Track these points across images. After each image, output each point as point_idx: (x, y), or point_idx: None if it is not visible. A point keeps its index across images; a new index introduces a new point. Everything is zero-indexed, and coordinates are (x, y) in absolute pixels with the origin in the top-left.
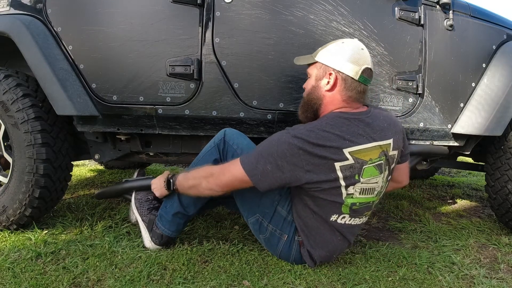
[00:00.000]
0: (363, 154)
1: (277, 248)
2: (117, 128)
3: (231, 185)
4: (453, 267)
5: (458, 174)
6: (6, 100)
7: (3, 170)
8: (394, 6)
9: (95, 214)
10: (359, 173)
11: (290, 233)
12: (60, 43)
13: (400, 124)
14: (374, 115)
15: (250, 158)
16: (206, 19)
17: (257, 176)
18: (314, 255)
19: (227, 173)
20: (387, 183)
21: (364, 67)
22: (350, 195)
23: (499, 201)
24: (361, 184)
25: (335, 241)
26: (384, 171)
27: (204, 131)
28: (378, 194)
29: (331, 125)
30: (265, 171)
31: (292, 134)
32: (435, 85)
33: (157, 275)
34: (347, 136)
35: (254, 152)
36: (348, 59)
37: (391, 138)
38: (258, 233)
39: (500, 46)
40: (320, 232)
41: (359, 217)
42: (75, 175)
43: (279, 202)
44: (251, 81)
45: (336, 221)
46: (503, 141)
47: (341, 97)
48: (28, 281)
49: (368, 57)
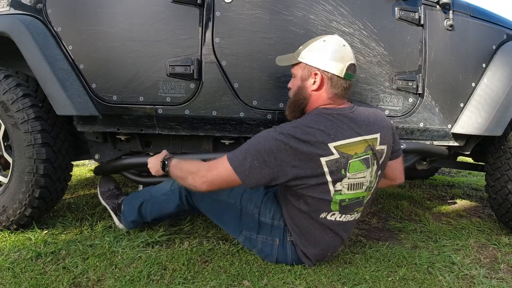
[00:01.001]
0: (348, 148)
1: (273, 254)
2: (117, 128)
3: (217, 183)
4: (453, 267)
5: (458, 174)
6: (6, 100)
7: (3, 170)
8: (394, 6)
9: (95, 214)
10: (345, 168)
11: (280, 236)
12: (60, 43)
13: (387, 119)
14: (359, 110)
15: (238, 155)
16: (206, 19)
17: (245, 173)
18: (307, 254)
19: (214, 171)
20: (377, 178)
21: (348, 63)
22: (338, 192)
23: (499, 201)
24: (348, 180)
25: (326, 239)
26: (372, 165)
27: (204, 131)
28: (368, 189)
29: (315, 121)
30: (253, 167)
31: (279, 131)
32: (435, 85)
33: (157, 275)
34: (331, 131)
35: (241, 149)
36: (332, 58)
37: (377, 133)
38: (251, 247)
39: (500, 46)
40: (311, 231)
41: (350, 213)
42: (75, 175)
43: (260, 213)
44: (251, 81)
45: (325, 218)
46: (503, 141)
47: (327, 95)
48: (28, 281)
49: (350, 53)
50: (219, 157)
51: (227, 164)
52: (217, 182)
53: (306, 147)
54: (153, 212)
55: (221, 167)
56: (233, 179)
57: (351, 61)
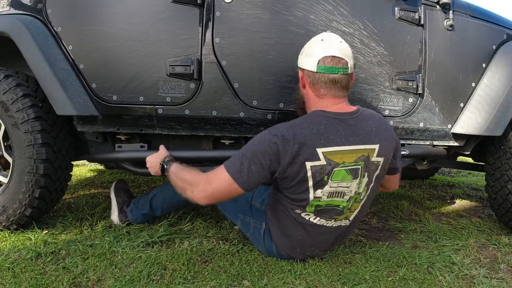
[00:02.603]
0: (336, 156)
1: (261, 240)
2: (117, 128)
3: (218, 196)
4: (453, 267)
5: (458, 174)
6: (6, 100)
7: (3, 170)
8: (394, 6)
9: (95, 214)
10: (329, 175)
11: (267, 221)
12: (60, 43)
13: (392, 132)
14: (362, 117)
15: (234, 162)
16: (206, 19)
17: (243, 179)
18: (278, 244)
19: (213, 183)
20: (368, 191)
21: (321, 57)
22: (318, 199)
23: (499, 201)
24: (329, 188)
25: (295, 235)
26: (361, 177)
27: (204, 131)
28: (353, 200)
29: (309, 123)
30: (250, 171)
31: (273, 133)
32: (435, 85)
33: (157, 275)
34: (323, 136)
35: (238, 155)
36: (305, 54)
37: (376, 144)
38: (247, 232)
39: (500, 46)
40: (284, 223)
41: (327, 219)
42: (75, 175)
43: (252, 197)
44: (251, 81)
45: (299, 215)
46: (503, 141)
47: (313, 92)
48: (28, 281)
49: (328, 46)
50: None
51: (225, 173)
52: (217, 195)
53: (295, 150)
54: (165, 201)
55: (220, 178)
56: (233, 188)
57: (325, 54)
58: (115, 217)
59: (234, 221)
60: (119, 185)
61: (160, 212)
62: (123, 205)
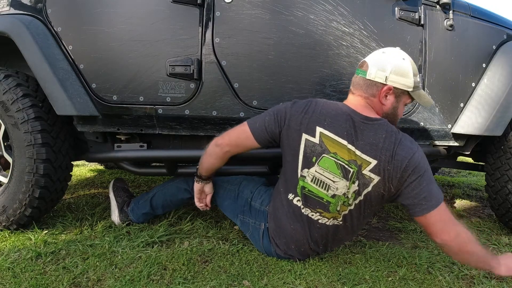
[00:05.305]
0: (330, 143)
1: (259, 240)
2: (117, 128)
3: (234, 136)
4: (453, 267)
5: (458, 174)
6: (6, 100)
7: (3, 170)
8: (394, 6)
9: (95, 214)
10: (317, 158)
11: (265, 221)
12: (60, 43)
13: (407, 159)
14: (375, 127)
15: (255, 117)
16: (206, 19)
17: (255, 125)
18: (275, 243)
19: (235, 129)
20: (354, 199)
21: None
22: (303, 178)
23: (499, 201)
24: (314, 172)
25: (288, 228)
26: (351, 182)
27: (204, 131)
28: (337, 199)
29: (328, 105)
30: (263, 121)
31: (294, 100)
32: (435, 85)
33: (157, 275)
34: (328, 119)
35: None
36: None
37: (375, 159)
38: (246, 232)
39: (500, 46)
40: (279, 215)
41: (311, 209)
42: (75, 175)
43: (252, 198)
44: (251, 81)
45: (292, 201)
46: (503, 141)
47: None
48: (28, 281)
49: (370, 54)
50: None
51: (245, 122)
52: (233, 134)
53: (301, 117)
54: (166, 200)
55: (239, 126)
56: (246, 136)
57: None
58: (115, 217)
59: (234, 221)
60: (118, 184)
61: (161, 210)
62: (123, 205)
